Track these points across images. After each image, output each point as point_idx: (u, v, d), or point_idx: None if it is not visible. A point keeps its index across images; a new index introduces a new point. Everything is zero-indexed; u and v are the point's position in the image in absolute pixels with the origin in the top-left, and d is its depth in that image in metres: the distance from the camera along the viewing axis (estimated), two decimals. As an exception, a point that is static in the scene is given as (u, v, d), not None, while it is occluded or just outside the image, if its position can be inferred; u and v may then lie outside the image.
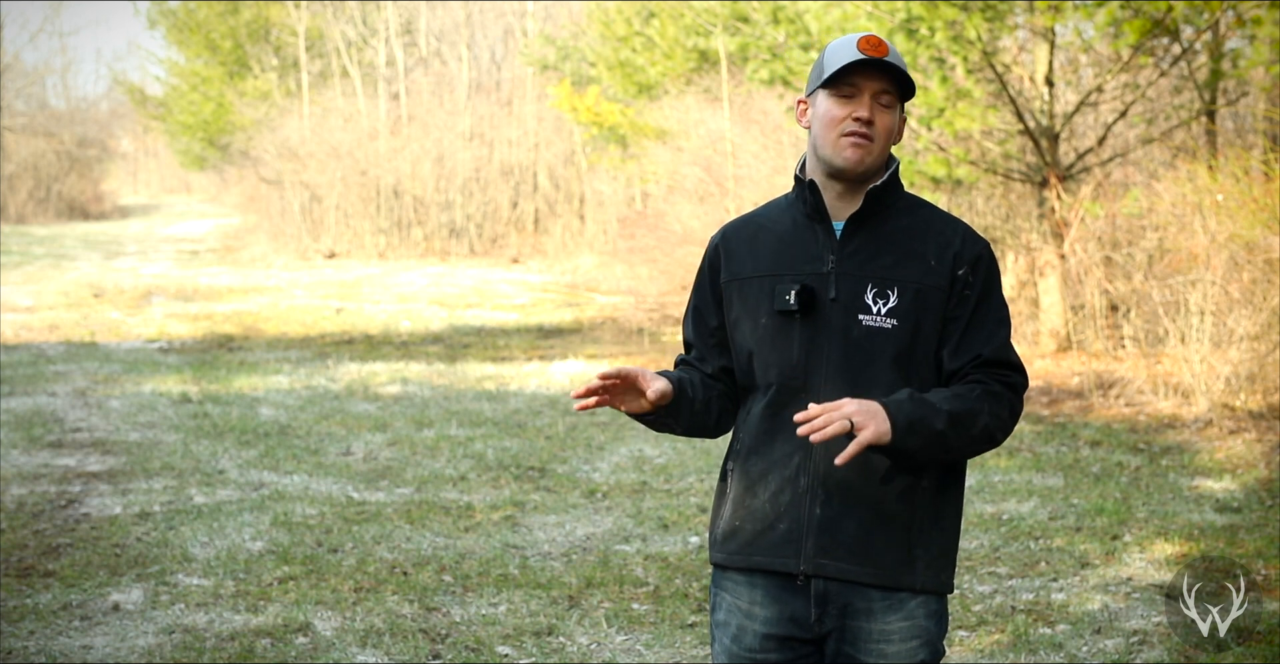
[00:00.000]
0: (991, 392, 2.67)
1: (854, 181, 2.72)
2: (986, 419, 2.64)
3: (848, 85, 2.68)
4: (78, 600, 5.62)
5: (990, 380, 2.68)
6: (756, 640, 2.74)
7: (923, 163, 11.66)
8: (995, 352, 2.69)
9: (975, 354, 2.69)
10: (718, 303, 2.83)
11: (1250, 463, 7.80)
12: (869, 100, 2.67)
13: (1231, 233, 9.07)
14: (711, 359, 2.84)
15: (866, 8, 11.27)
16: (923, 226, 2.73)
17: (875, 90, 2.67)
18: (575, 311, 16.68)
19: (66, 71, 72.05)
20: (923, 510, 2.70)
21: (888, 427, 2.54)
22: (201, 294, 18.60)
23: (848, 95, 2.68)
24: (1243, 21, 10.51)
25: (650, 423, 2.78)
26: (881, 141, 2.69)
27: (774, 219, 2.81)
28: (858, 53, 2.65)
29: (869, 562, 2.67)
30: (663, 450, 8.57)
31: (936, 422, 2.58)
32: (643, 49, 18.71)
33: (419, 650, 5.08)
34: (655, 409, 2.73)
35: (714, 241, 2.86)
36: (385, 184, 25.87)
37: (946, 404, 2.61)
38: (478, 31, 29.34)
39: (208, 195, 50.02)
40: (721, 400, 2.83)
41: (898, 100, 2.70)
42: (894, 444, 2.56)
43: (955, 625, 5.29)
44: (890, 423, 2.55)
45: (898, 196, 2.76)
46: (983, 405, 2.64)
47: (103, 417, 9.74)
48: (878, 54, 2.65)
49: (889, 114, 2.69)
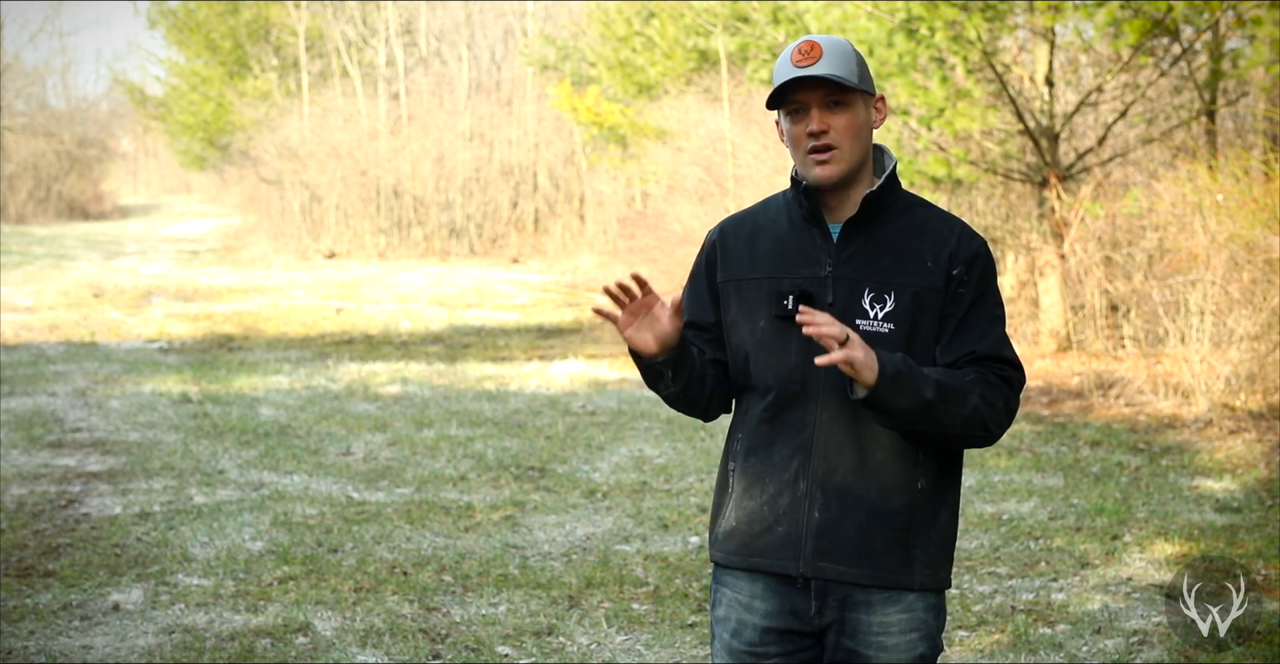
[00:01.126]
0: (987, 380, 2.66)
1: (843, 187, 2.72)
2: (978, 401, 2.62)
3: (792, 102, 2.68)
4: (78, 600, 5.62)
5: (987, 372, 2.67)
6: (756, 634, 2.75)
7: (923, 163, 11.66)
8: (989, 347, 2.68)
9: (969, 350, 2.68)
10: (714, 301, 2.82)
11: (1250, 463, 7.80)
12: (816, 111, 2.66)
13: (1231, 233, 9.07)
14: (705, 352, 2.83)
15: (866, 8, 11.27)
16: (919, 227, 2.72)
17: (819, 99, 2.66)
18: (575, 312, 16.68)
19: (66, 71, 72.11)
20: (920, 511, 2.70)
21: (875, 365, 2.53)
22: (201, 294, 18.60)
23: (796, 110, 2.68)
24: (1243, 21, 10.51)
25: (647, 369, 2.72)
26: (848, 143, 2.67)
27: (772, 218, 2.80)
28: (791, 67, 2.65)
29: (867, 564, 2.68)
30: (663, 450, 8.57)
31: (924, 386, 2.57)
32: (643, 49, 18.72)
33: (419, 650, 5.08)
34: (661, 354, 2.68)
35: (711, 238, 2.85)
36: (385, 184, 25.87)
37: (937, 374, 2.60)
38: (478, 31, 29.35)
39: (208, 195, 50.04)
40: (715, 381, 2.81)
41: (852, 95, 2.68)
42: (876, 392, 2.54)
43: (955, 625, 5.29)
44: (879, 367, 2.53)
45: (895, 198, 2.75)
46: (976, 388, 2.63)
47: (103, 417, 9.74)
48: (810, 62, 2.63)
49: (844, 113, 2.67)
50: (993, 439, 2.67)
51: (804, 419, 2.69)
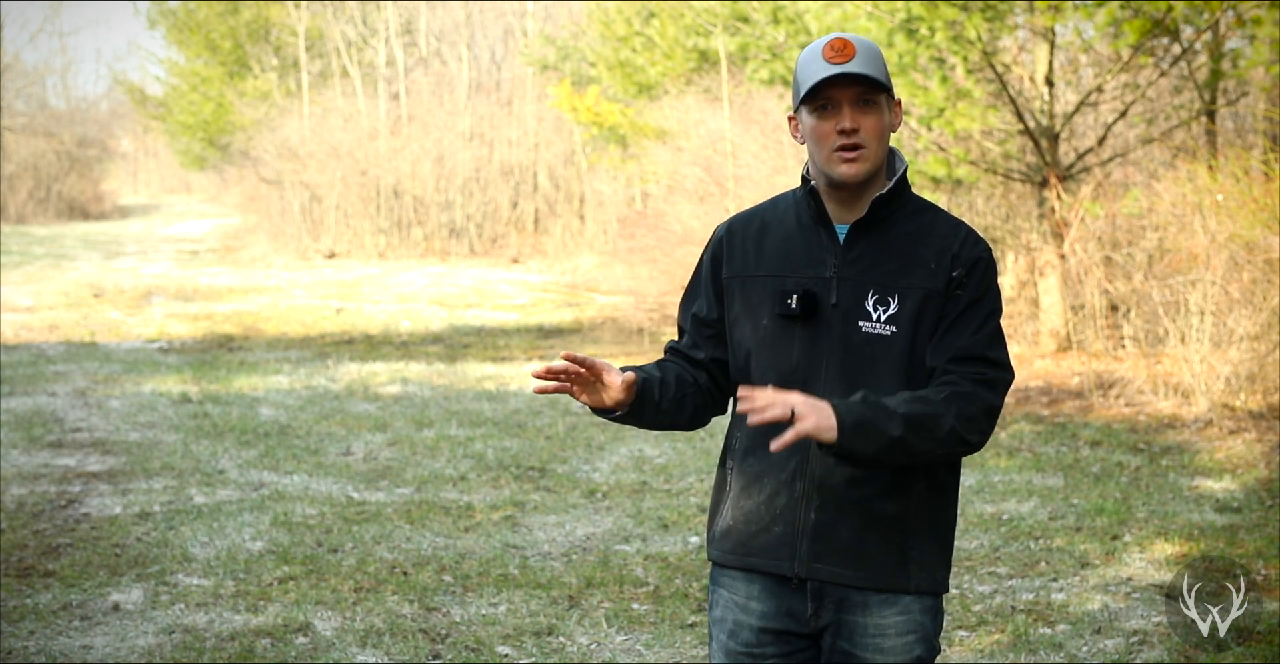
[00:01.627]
0: (960, 392, 2.61)
1: (857, 187, 2.71)
2: (952, 421, 2.58)
3: (823, 99, 2.66)
4: (78, 600, 5.62)
5: (963, 380, 2.62)
6: (753, 635, 2.74)
7: (923, 163, 11.66)
8: (973, 346, 2.65)
9: (955, 350, 2.65)
10: (718, 297, 2.82)
11: (1250, 463, 7.80)
12: (848, 109, 2.65)
13: (1231, 233, 9.07)
14: (704, 348, 2.83)
15: (866, 8, 11.27)
16: (926, 232, 2.71)
17: (851, 97, 2.65)
18: (575, 311, 16.68)
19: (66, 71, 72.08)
20: (917, 513, 2.69)
21: (832, 423, 2.50)
22: (201, 294, 18.60)
23: (827, 108, 2.66)
24: (1243, 21, 10.51)
25: (608, 418, 2.75)
26: (874, 143, 2.66)
27: (780, 217, 2.80)
28: (824, 63, 2.63)
29: (863, 566, 2.67)
30: (663, 450, 8.57)
31: (890, 425, 2.53)
32: (643, 49, 18.71)
33: (419, 650, 5.08)
34: (617, 409, 2.71)
35: (718, 234, 2.84)
36: (385, 184, 25.87)
37: (904, 407, 2.56)
38: (478, 31, 29.35)
39: (208, 195, 50.02)
40: (699, 395, 2.81)
41: (880, 95, 2.68)
42: (841, 443, 2.52)
43: (955, 625, 5.29)
44: (837, 421, 2.51)
45: (904, 201, 2.74)
46: (948, 408, 2.58)
47: (103, 417, 9.74)
48: (844, 59, 2.62)
49: (874, 113, 2.66)
50: (976, 448, 2.64)
51: None
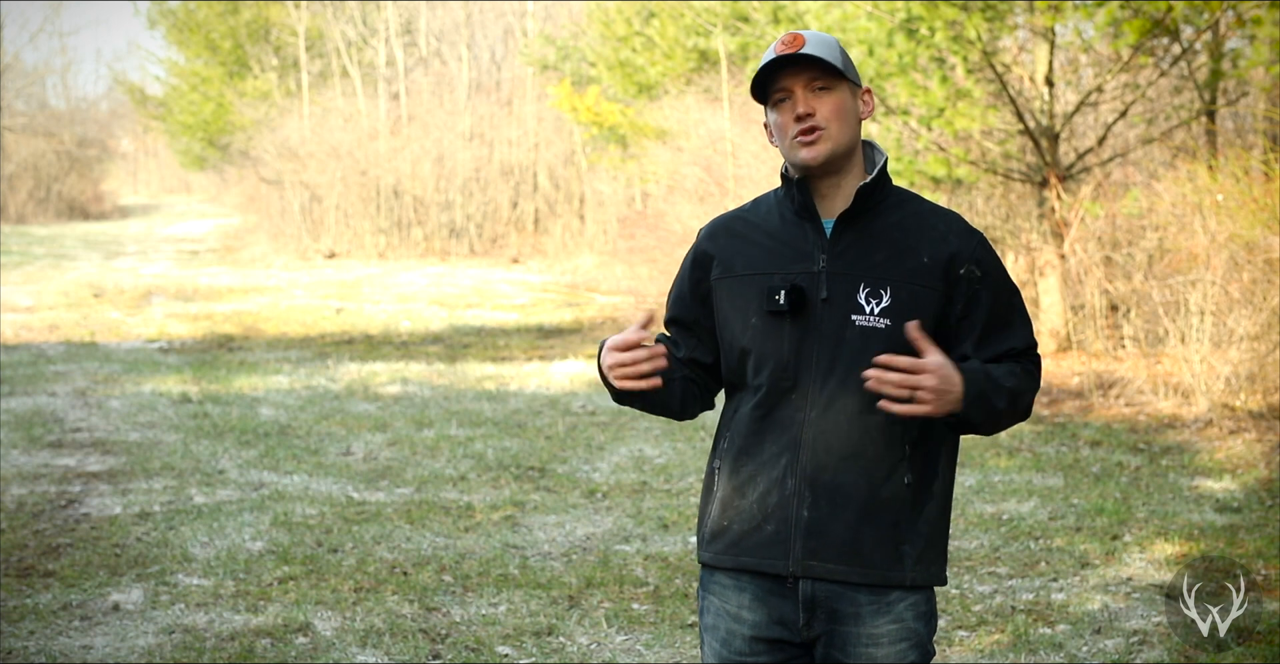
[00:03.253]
0: (1029, 372, 2.73)
1: (833, 174, 2.71)
2: (1030, 398, 2.72)
3: (778, 90, 2.69)
4: (78, 600, 5.62)
5: (1025, 365, 2.74)
6: (746, 644, 2.73)
7: (923, 163, 11.66)
8: (1024, 341, 2.75)
9: (1009, 347, 2.73)
10: (700, 300, 2.81)
11: (1250, 463, 7.80)
12: (801, 94, 2.67)
13: (1231, 233, 9.07)
14: (684, 347, 2.84)
15: (866, 8, 11.27)
16: (914, 221, 2.71)
17: (804, 83, 2.67)
18: (575, 311, 16.68)
19: (66, 71, 72.09)
20: (910, 506, 2.68)
21: (953, 408, 2.57)
22: (201, 294, 18.60)
23: (782, 99, 2.69)
24: (1243, 21, 10.51)
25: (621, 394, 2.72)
26: (835, 125, 2.67)
27: (762, 216, 2.79)
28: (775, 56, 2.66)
29: (858, 562, 2.66)
30: (663, 450, 8.57)
31: (999, 399, 2.63)
32: (643, 49, 18.72)
33: (419, 650, 5.08)
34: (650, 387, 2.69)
35: (700, 238, 2.84)
36: (385, 184, 25.87)
37: (1008, 381, 2.66)
38: (478, 31, 29.35)
39: (208, 195, 50.02)
40: (685, 384, 2.82)
41: (838, 81, 2.68)
42: (959, 415, 2.59)
43: (955, 625, 5.29)
44: (963, 392, 2.57)
45: (887, 192, 2.74)
46: (1029, 385, 2.71)
47: (103, 417, 9.74)
48: (793, 49, 2.64)
49: (830, 97, 2.67)
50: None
51: (793, 416, 2.67)
